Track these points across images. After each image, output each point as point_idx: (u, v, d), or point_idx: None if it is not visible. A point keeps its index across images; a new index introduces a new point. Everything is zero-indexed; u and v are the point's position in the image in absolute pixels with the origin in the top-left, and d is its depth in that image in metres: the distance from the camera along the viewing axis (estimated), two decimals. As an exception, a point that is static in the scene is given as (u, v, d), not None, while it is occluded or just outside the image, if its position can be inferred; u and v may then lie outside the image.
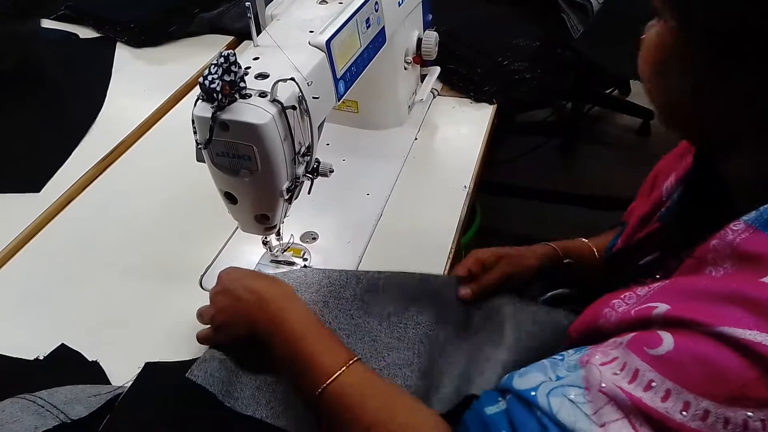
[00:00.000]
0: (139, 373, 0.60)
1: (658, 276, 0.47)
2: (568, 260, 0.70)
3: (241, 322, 0.58)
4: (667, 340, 0.37)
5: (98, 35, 1.16)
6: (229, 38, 1.14)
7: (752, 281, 0.36)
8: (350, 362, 0.52)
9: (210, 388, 0.56)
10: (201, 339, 0.61)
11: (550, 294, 0.73)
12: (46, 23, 1.19)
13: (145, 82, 1.05)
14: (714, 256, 0.40)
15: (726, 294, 0.37)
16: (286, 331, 0.55)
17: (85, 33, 1.17)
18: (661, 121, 0.49)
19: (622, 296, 0.45)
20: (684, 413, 0.35)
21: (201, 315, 0.62)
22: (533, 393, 0.40)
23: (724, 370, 0.34)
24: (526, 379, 0.42)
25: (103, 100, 1.00)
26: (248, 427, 0.55)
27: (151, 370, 0.61)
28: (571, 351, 0.43)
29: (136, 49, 1.13)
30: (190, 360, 0.60)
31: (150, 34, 1.13)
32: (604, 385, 0.37)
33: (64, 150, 0.91)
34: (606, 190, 1.75)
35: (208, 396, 0.55)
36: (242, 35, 1.13)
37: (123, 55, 1.12)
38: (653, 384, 0.36)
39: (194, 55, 1.10)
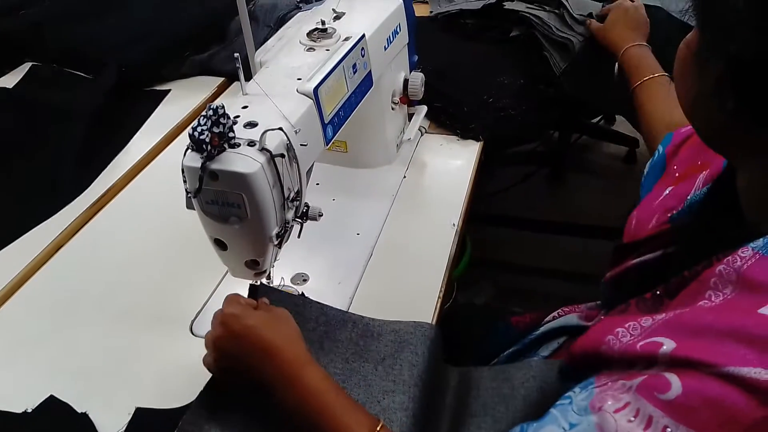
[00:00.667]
0: (130, 421, 0.59)
1: (658, 292, 0.47)
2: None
3: (247, 373, 0.56)
4: (676, 384, 0.37)
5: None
6: (220, 80, 1.16)
7: (752, 314, 0.37)
8: (378, 429, 0.51)
9: None
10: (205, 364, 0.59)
11: (543, 329, 0.73)
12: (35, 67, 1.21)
13: (136, 125, 1.06)
14: (717, 280, 0.41)
15: (729, 331, 0.37)
16: (305, 394, 0.53)
17: (74, 76, 1.18)
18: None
19: (626, 325, 0.45)
20: None
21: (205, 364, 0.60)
22: None
23: (734, 410, 0.34)
24: None
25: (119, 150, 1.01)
26: None
27: (140, 415, 0.60)
28: (577, 390, 0.43)
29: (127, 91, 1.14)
30: (181, 408, 0.60)
31: (141, 77, 1.15)
32: None
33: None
34: (595, 218, 1.76)
35: None
36: (232, 77, 1.15)
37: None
38: (668, 430, 0.36)
39: (186, 98, 1.12)
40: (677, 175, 0.62)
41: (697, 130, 0.49)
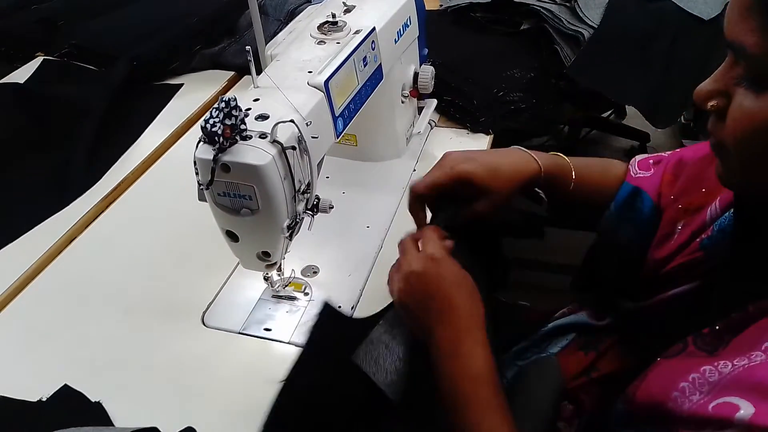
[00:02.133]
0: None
1: (718, 327, 0.45)
2: (537, 191, 0.66)
3: (417, 320, 0.54)
4: None
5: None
6: (230, 74, 1.16)
7: None
8: None
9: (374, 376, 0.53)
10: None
11: (552, 325, 0.73)
12: (49, 62, 1.22)
13: (147, 119, 1.07)
14: None
15: None
16: (458, 374, 0.50)
17: (87, 71, 1.19)
18: (737, 184, 0.46)
19: (690, 378, 0.43)
20: None
21: (391, 281, 0.58)
22: None
23: None
24: None
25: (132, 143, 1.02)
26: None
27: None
28: None
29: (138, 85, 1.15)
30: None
31: (152, 71, 1.15)
32: None
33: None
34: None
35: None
36: (243, 70, 1.15)
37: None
38: None
39: (196, 91, 1.12)
40: (680, 206, 0.59)
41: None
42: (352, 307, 0.73)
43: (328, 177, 0.92)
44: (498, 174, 0.62)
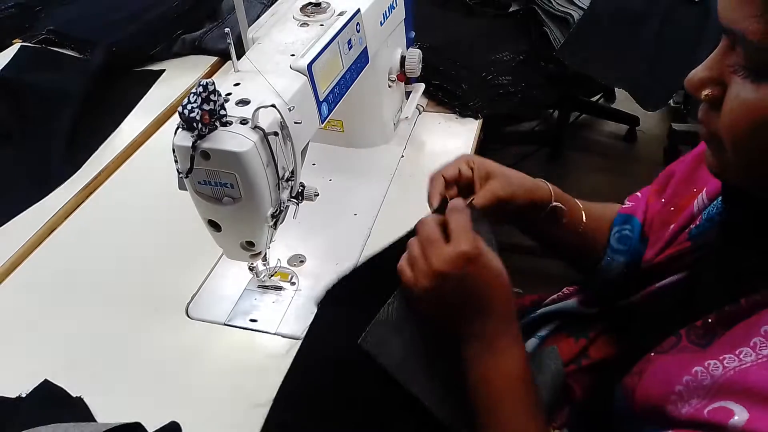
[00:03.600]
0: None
1: (710, 320, 0.44)
2: (556, 203, 0.62)
3: (446, 317, 0.49)
4: None
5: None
6: (213, 59, 1.14)
7: None
8: None
9: (381, 358, 0.50)
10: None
11: (541, 312, 0.72)
12: (27, 48, 1.18)
13: (128, 106, 1.04)
14: None
15: None
16: (492, 371, 0.48)
17: (66, 57, 1.15)
18: (735, 177, 0.43)
19: (684, 380, 0.42)
20: None
21: (402, 271, 0.51)
22: None
23: None
24: None
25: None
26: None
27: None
28: None
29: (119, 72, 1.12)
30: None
31: (133, 57, 1.12)
32: None
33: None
34: (594, 198, 1.75)
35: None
36: (226, 56, 1.12)
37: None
38: None
39: (178, 77, 1.10)
40: (672, 209, 0.58)
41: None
42: (340, 297, 0.71)
43: (314, 164, 0.91)
44: (507, 168, 0.60)
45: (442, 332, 0.51)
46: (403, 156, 0.93)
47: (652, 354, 0.48)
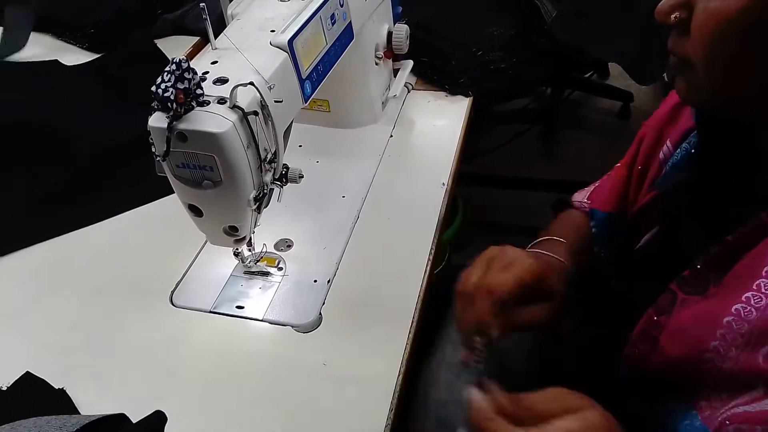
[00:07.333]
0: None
1: (699, 266, 0.43)
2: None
3: None
4: None
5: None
6: (194, 39, 1.10)
7: None
8: None
9: None
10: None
11: None
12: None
13: (109, 89, 1.01)
14: None
15: None
16: None
17: (44, 40, 1.12)
18: (702, 100, 0.43)
19: (719, 334, 0.39)
20: None
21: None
22: None
23: None
24: None
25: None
26: None
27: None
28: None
29: (97, 55, 1.08)
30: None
31: (111, 39, 1.09)
32: None
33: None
34: (589, 176, 1.73)
35: None
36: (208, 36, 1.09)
37: (84, 60, 1.07)
38: None
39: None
40: (640, 167, 0.58)
41: (738, 100, 0.41)
42: (329, 281, 0.70)
43: (300, 146, 0.88)
44: (553, 266, 0.54)
45: None
46: (392, 136, 0.91)
47: (656, 318, 0.46)
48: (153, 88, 0.50)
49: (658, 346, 0.45)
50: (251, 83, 0.53)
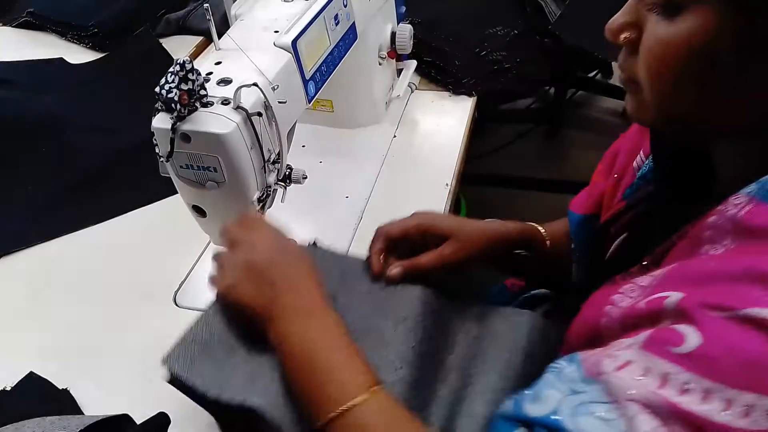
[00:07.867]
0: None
1: (645, 263, 0.44)
2: (519, 251, 0.64)
3: (249, 306, 0.51)
4: (691, 335, 0.33)
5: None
6: (198, 39, 1.10)
7: (763, 255, 0.34)
8: (374, 388, 0.44)
9: (188, 380, 0.50)
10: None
11: (528, 294, 0.70)
12: (8, 31, 1.15)
13: (112, 89, 1.01)
14: (712, 233, 0.37)
15: (740, 273, 0.34)
16: (313, 331, 0.48)
17: (47, 39, 1.12)
18: (650, 121, 0.44)
19: (621, 290, 0.42)
20: (726, 412, 0.31)
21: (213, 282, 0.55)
22: (557, 417, 0.36)
23: (758, 355, 0.31)
24: (541, 403, 0.38)
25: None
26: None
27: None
28: (563, 363, 0.40)
29: (101, 54, 1.08)
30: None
31: (115, 39, 1.09)
32: (633, 391, 0.34)
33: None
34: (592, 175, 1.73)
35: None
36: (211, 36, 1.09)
37: (88, 60, 1.07)
38: (688, 386, 0.33)
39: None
40: (616, 176, 0.59)
41: (688, 124, 0.42)
42: (332, 281, 0.70)
43: (304, 146, 0.88)
44: (464, 224, 0.61)
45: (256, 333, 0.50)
46: (395, 136, 0.91)
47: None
48: (157, 89, 0.50)
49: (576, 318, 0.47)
50: (255, 84, 0.53)
